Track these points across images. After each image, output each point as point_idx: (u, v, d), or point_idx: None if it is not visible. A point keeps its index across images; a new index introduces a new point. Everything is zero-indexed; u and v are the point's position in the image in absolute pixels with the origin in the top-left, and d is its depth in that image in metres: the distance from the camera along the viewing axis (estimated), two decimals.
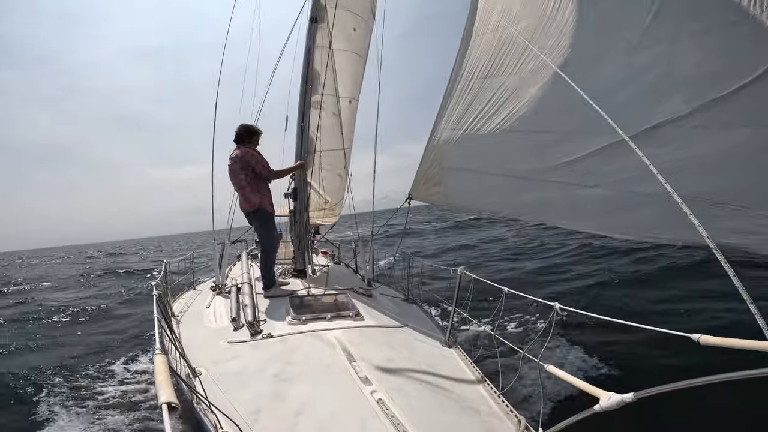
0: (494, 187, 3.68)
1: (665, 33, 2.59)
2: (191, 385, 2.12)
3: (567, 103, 3.05)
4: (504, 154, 3.54)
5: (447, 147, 4.17)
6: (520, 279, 8.67)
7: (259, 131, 4.56)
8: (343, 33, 5.67)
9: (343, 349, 2.79)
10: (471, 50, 3.95)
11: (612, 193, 2.78)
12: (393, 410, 2.10)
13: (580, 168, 2.95)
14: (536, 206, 3.31)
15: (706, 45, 2.45)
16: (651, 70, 2.64)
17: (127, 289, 12.82)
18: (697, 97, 2.41)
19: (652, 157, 2.51)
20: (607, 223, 2.85)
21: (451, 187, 4.21)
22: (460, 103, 4.02)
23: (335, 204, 7.31)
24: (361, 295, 4.35)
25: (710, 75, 2.40)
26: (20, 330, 8.23)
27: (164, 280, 4.01)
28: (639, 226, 2.72)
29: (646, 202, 2.58)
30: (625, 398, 1.41)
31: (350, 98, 6.42)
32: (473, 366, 2.80)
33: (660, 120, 2.53)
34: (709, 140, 2.37)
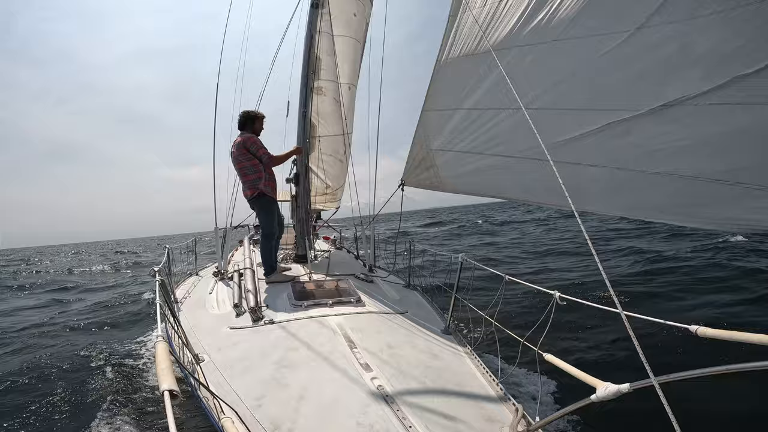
0: (488, 168, 3.58)
1: (685, 9, 2.40)
2: (193, 372, 2.14)
3: (565, 78, 2.95)
4: (495, 133, 3.44)
5: (436, 128, 4.07)
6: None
7: (259, 115, 4.56)
8: (343, 18, 5.60)
9: (344, 335, 2.82)
10: (458, 27, 3.74)
11: (617, 172, 2.70)
12: (393, 396, 2.12)
13: (580, 146, 2.87)
14: (534, 187, 3.23)
15: (728, 23, 2.27)
16: (665, 46, 2.48)
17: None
18: (716, 75, 2.28)
19: (664, 135, 2.46)
20: (613, 202, 2.79)
21: (442, 170, 4.12)
22: (448, 82, 3.87)
23: (336, 189, 7.30)
24: (362, 281, 4.37)
25: (731, 52, 2.24)
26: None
27: (167, 266, 4.03)
28: (648, 206, 2.65)
29: (655, 181, 2.52)
30: (621, 389, 1.43)
31: (350, 84, 6.36)
32: (472, 353, 2.83)
33: (674, 97, 2.40)
34: (725, 118, 2.25)
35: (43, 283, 15.72)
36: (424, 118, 4.21)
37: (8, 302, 11.17)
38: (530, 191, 3.30)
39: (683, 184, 2.41)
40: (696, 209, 2.43)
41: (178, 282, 4.74)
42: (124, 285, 13.30)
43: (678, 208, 2.49)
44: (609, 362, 3.79)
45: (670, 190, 2.47)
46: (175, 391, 1.30)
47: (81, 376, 4.81)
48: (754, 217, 2.19)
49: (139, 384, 4.47)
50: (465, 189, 4.03)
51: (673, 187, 2.46)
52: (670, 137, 2.44)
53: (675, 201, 2.49)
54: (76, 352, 5.59)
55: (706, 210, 2.38)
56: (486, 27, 3.44)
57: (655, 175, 2.52)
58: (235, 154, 4.34)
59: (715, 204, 2.33)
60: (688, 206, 2.45)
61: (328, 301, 3.45)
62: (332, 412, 2.03)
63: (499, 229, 23.20)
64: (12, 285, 15.38)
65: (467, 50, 3.65)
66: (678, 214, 2.51)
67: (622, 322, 1.47)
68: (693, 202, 2.42)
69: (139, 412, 3.79)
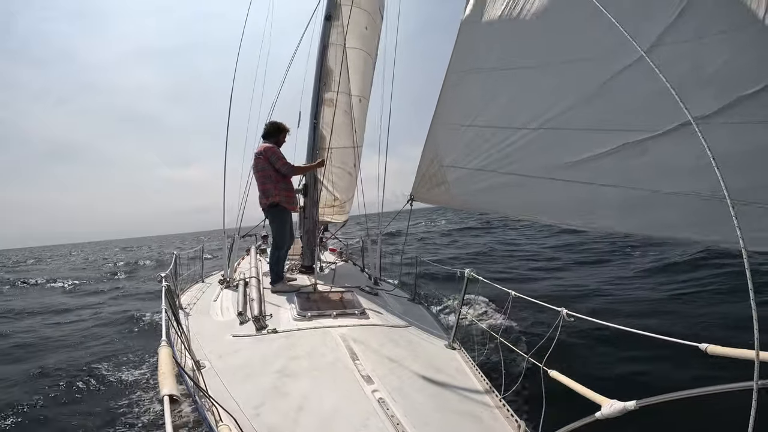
0: (499, 186, 3.54)
1: (694, 28, 2.44)
2: (194, 377, 2.14)
3: (582, 97, 2.93)
4: (509, 151, 3.40)
5: (447, 144, 4.04)
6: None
7: (286, 128, 4.69)
8: (355, 31, 5.69)
9: (347, 346, 2.80)
10: (474, 37, 3.71)
11: (632, 192, 2.68)
12: (393, 410, 2.09)
13: (594, 166, 2.85)
14: (543, 206, 3.22)
15: (735, 41, 2.31)
16: (676, 66, 2.48)
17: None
18: (726, 94, 2.30)
19: (679, 155, 2.45)
20: (625, 221, 2.76)
21: (453, 186, 4.07)
22: (460, 96, 3.86)
23: (345, 202, 7.32)
24: (367, 293, 4.35)
25: (740, 71, 2.28)
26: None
27: (174, 272, 4.05)
28: (660, 225, 2.62)
29: (669, 201, 2.50)
30: (627, 406, 1.40)
31: (360, 97, 6.43)
32: (476, 369, 2.79)
33: (686, 118, 2.43)
34: (739, 137, 2.26)
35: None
36: (434, 132, 4.18)
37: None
38: (544, 211, 3.28)
39: (701, 203, 2.39)
40: (713, 227, 2.38)
41: (184, 288, 4.76)
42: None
43: (694, 227, 2.46)
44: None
45: (688, 209, 2.45)
46: (176, 396, 1.30)
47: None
48: (762, 236, 2.15)
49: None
50: (477, 207, 4.02)
51: (690, 207, 2.44)
52: (686, 157, 2.42)
53: (691, 220, 2.46)
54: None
55: (724, 228, 2.28)
56: (501, 43, 3.45)
57: (670, 195, 2.51)
58: (256, 163, 4.43)
59: (728, 222, 2.29)
60: (705, 224, 2.41)
61: (332, 312, 3.44)
62: (332, 423, 2.01)
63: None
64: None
65: (480, 65, 3.64)
66: (694, 232, 2.48)
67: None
68: (710, 220, 2.38)
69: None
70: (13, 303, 11.72)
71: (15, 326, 8.36)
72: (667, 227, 2.62)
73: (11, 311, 10.09)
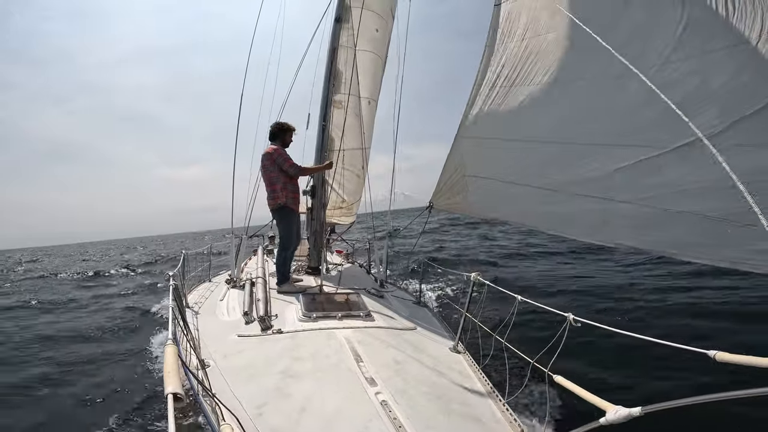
0: (518, 197, 3.64)
1: (697, 45, 2.53)
2: (198, 376, 2.15)
3: (596, 115, 3.05)
4: (529, 164, 3.52)
5: (470, 155, 4.17)
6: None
7: (291, 128, 4.70)
8: (366, 33, 5.70)
9: (351, 348, 2.80)
10: (496, 58, 3.93)
11: (645, 209, 2.70)
12: (396, 413, 2.09)
13: (609, 182, 2.90)
14: (561, 219, 3.25)
15: (737, 58, 2.37)
16: (684, 84, 2.57)
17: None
18: (730, 113, 2.33)
19: (688, 175, 2.49)
20: (639, 238, 2.76)
21: (473, 195, 4.17)
22: (485, 111, 4.00)
23: (352, 204, 7.33)
24: (372, 295, 4.35)
25: (742, 90, 2.32)
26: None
27: (181, 271, 4.07)
28: (673, 243, 2.60)
29: (680, 220, 2.51)
30: (632, 412, 1.38)
31: (369, 99, 6.44)
32: (480, 373, 2.77)
33: (693, 137, 2.45)
34: (742, 158, 2.28)
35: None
36: (459, 144, 4.31)
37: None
38: (562, 223, 3.31)
39: (709, 223, 2.39)
40: (719, 249, 2.38)
41: (191, 287, 4.80)
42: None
43: (701, 247, 2.45)
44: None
45: (697, 229, 2.45)
46: (179, 395, 1.30)
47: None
48: (762, 258, 2.16)
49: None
50: (494, 215, 4.08)
51: (699, 227, 2.44)
52: (694, 177, 2.46)
53: (699, 240, 2.46)
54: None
55: (729, 250, 2.33)
56: (526, 60, 3.61)
57: (680, 214, 2.52)
58: (264, 164, 4.47)
59: (732, 243, 2.30)
60: (712, 246, 2.41)
61: (337, 314, 3.44)
62: (334, 425, 2.01)
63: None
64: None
65: (505, 81, 3.79)
66: (701, 252, 2.46)
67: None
68: (717, 243, 2.38)
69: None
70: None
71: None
72: (678, 245, 2.60)
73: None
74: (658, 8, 2.82)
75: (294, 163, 4.50)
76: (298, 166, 4.53)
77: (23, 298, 11.71)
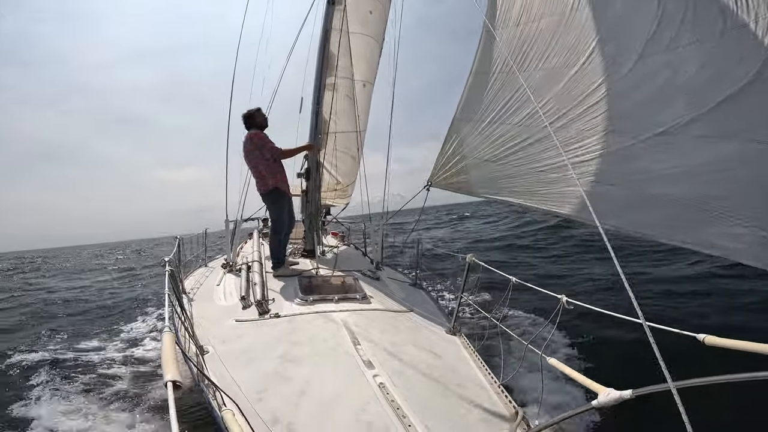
0: (514, 177, 3.73)
1: (669, 40, 2.70)
2: (197, 363, 2.16)
3: (588, 102, 3.16)
4: (525, 147, 3.60)
5: (467, 137, 4.23)
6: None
7: (252, 111, 4.58)
8: (359, 15, 5.60)
9: (348, 331, 2.82)
10: (491, 44, 3.97)
11: (627, 191, 2.88)
12: (393, 394, 2.12)
13: (599, 165, 3.04)
14: (556, 199, 3.36)
15: (702, 53, 2.55)
16: (658, 75, 2.76)
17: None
18: (696, 105, 2.54)
19: (660, 162, 2.71)
20: (623, 220, 2.90)
21: (470, 175, 4.24)
22: (482, 96, 4.05)
23: (347, 185, 7.31)
24: (368, 278, 4.37)
25: (706, 83, 2.52)
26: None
27: (177, 256, 4.06)
28: (651, 225, 2.79)
29: (657, 202, 2.70)
30: (623, 395, 1.41)
31: (364, 82, 6.36)
32: (476, 355, 2.81)
33: (665, 127, 2.68)
34: (704, 149, 2.51)
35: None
36: (458, 125, 4.36)
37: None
38: (557, 204, 3.43)
39: (677, 206, 2.62)
40: (681, 230, 2.62)
41: (187, 273, 4.79)
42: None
43: (667, 228, 2.69)
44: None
45: (666, 211, 2.69)
46: (179, 382, 1.31)
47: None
48: (725, 244, 2.38)
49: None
50: (493, 195, 4.12)
51: (667, 209, 2.68)
52: (665, 164, 2.70)
53: (666, 222, 2.69)
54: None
55: (691, 232, 2.57)
56: (520, 47, 3.69)
57: (652, 196, 2.75)
58: (246, 150, 4.41)
59: (698, 227, 2.53)
60: (676, 227, 2.65)
61: (333, 296, 3.46)
62: (332, 407, 2.04)
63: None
64: None
65: (501, 68, 3.88)
66: (666, 233, 2.70)
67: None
68: (679, 224, 2.62)
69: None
70: None
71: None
72: (650, 227, 2.81)
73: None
74: (638, 2, 2.95)
75: (273, 146, 4.45)
76: (278, 148, 4.47)
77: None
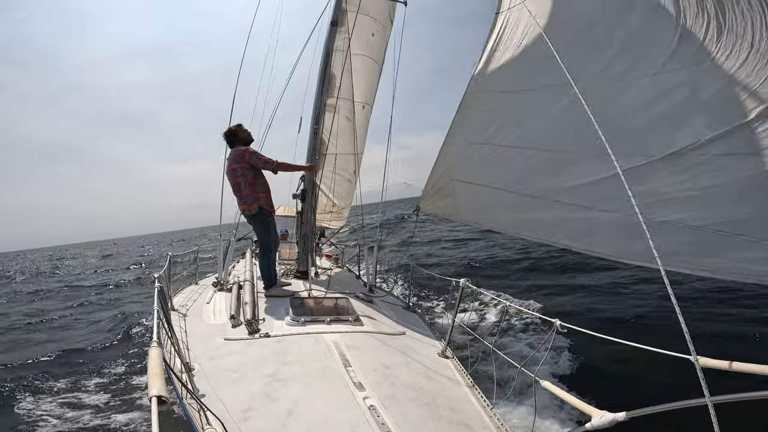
0: (504, 204, 3.65)
1: (691, 56, 2.55)
2: (182, 379, 2.12)
3: (584, 126, 3.08)
4: (517, 171, 3.53)
5: (459, 159, 4.16)
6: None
7: (233, 127, 4.39)
8: (361, 38, 5.72)
9: (340, 353, 2.78)
10: (490, 64, 3.94)
11: (628, 218, 2.69)
12: (384, 417, 2.08)
13: (594, 191, 2.93)
14: (547, 226, 3.28)
15: (729, 69, 2.41)
16: (675, 94, 2.61)
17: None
18: (719, 124, 2.37)
19: (674, 184, 2.54)
20: (621, 248, 2.81)
21: (460, 200, 4.18)
22: (476, 117, 4.00)
23: (342, 208, 7.33)
24: (361, 300, 4.33)
25: (732, 101, 2.35)
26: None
27: (167, 273, 4.02)
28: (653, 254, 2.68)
29: (663, 229, 2.53)
30: (617, 417, 1.39)
31: (364, 103, 6.46)
32: (468, 378, 2.77)
33: (682, 146, 2.50)
34: (728, 169, 2.33)
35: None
36: (448, 147, 4.29)
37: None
38: (546, 231, 3.35)
39: (690, 233, 2.45)
40: (699, 258, 2.45)
41: (177, 290, 4.73)
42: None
43: (682, 256, 2.50)
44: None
45: (678, 238, 2.50)
46: (164, 398, 1.28)
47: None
48: (746, 267, 2.23)
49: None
50: (480, 221, 4.08)
51: (680, 236, 2.50)
52: (680, 186, 2.51)
53: (679, 249, 2.50)
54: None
55: (708, 260, 2.41)
56: (521, 68, 3.63)
57: (662, 223, 2.56)
58: (230, 169, 4.21)
59: (716, 253, 2.37)
60: (692, 255, 2.47)
61: (326, 318, 3.41)
62: (321, 429, 1.99)
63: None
64: None
65: (499, 87, 3.80)
66: (682, 262, 2.51)
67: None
68: (696, 252, 2.45)
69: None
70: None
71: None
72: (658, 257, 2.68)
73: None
74: (655, 18, 2.83)
75: (269, 159, 4.20)
76: (274, 161, 4.22)
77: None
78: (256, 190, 4.22)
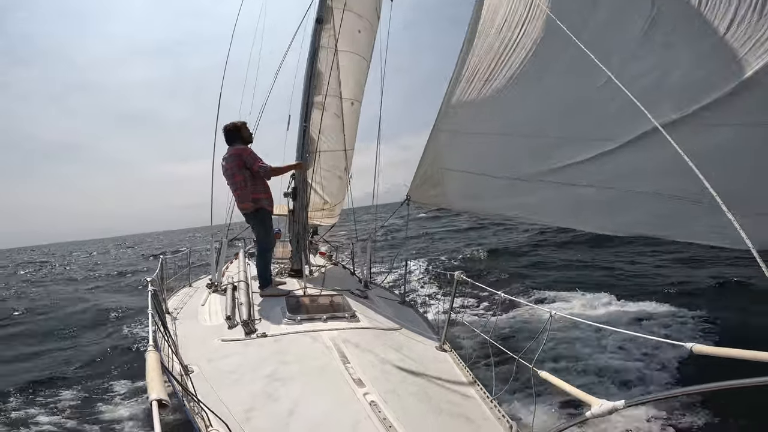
0: (493, 189, 3.70)
1: (661, 40, 2.69)
2: (182, 382, 2.11)
3: (566, 110, 3.17)
4: (504, 156, 3.58)
5: (446, 148, 4.16)
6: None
7: (240, 123, 4.34)
8: (348, 34, 5.67)
9: (338, 350, 2.79)
10: (473, 52, 3.89)
11: (610, 192, 2.90)
12: (385, 412, 2.09)
13: (577, 171, 3.04)
14: (535, 208, 3.36)
15: (699, 50, 2.56)
16: (645, 77, 2.74)
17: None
18: (686, 103, 2.55)
19: (644, 162, 2.73)
20: (605, 222, 2.96)
21: (449, 188, 4.19)
22: (461, 104, 3.98)
23: (335, 205, 7.30)
24: (357, 296, 4.33)
25: (701, 80, 2.53)
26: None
27: (160, 276, 3.99)
28: (637, 224, 2.83)
29: (643, 200, 2.73)
30: (616, 405, 1.41)
31: (352, 100, 6.42)
32: (467, 370, 2.79)
33: (650, 127, 2.61)
34: (696, 142, 2.47)
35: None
36: (435, 136, 4.28)
37: None
38: (536, 212, 3.41)
39: (660, 201, 2.66)
40: (669, 224, 2.67)
41: (171, 292, 4.70)
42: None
43: (656, 223, 2.75)
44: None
45: (650, 207, 2.73)
46: (164, 401, 1.28)
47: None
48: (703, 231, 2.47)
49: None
50: (472, 209, 4.10)
51: (652, 205, 2.72)
52: (652, 162, 2.70)
53: (653, 218, 2.74)
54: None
55: (678, 225, 2.63)
56: (500, 56, 3.62)
57: (637, 194, 2.77)
58: (228, 167, 4.19)
59: (684, 219, 2.59)
60: (663, 221, 2.70)
61: (322, 315, 3.41)
62: (323, 427, 2.01)
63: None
64: None
65: (481, 75, 3.79)
66: (657, 228, 2.76)
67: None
68: (674, 221, 2.65)
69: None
70: None
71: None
72: (637, 224, 2.86)
73: None
74: (629, 4, 2.92)
75: (264, 163, 4.17)
76: (267, 165, 4.18)
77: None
78: (257, 189, 4.21)
